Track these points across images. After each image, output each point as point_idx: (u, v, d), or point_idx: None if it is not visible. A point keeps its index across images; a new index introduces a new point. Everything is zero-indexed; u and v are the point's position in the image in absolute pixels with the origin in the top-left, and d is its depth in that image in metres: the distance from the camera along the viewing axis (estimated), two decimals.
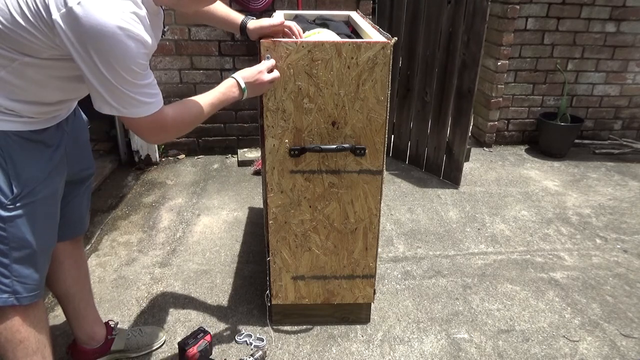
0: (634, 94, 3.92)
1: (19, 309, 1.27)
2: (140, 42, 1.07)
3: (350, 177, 1.68)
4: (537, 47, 3.70)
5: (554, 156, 3.75)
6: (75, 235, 1.56)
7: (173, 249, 2.43)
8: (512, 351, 1.84)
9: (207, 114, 1.37)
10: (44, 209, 1.26)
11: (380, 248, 2.43)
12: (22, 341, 1.29)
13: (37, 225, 1.24)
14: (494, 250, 2.50)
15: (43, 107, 1.21)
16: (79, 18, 0.99)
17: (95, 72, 1.06)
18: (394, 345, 1.85)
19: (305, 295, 1.86)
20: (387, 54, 1.50)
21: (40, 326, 1.34)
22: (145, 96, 1.15)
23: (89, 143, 1.53)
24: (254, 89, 1.46)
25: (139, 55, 1.08)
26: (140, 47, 1.07)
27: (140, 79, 1.11)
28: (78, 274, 1.59)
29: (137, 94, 1.13)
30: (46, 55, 1.10)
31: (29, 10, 1.03)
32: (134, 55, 1.06)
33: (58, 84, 1.19)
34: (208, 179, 3.22)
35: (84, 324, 1.65)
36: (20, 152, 1.18)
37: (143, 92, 1.14)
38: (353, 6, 3.29)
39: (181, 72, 3.33)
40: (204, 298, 2.08)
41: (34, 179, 1.21)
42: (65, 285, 1.57)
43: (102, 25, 1.00)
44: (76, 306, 1.61)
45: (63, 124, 1.33)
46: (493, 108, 3.79)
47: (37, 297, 1.30)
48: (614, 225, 2.78)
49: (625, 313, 2.07)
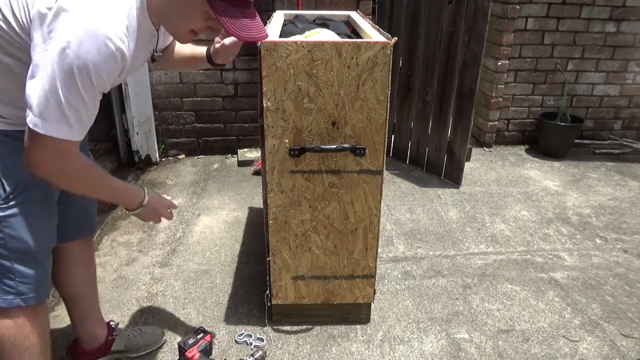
0: (634, 94, 3.92)
1: (27, 310, 1.25)
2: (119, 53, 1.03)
3: (350, 177, 1.68)
4: (537, 47, 3.70)
5: (554, 156, 3.75)
6: (84, 235, 1.55)
7: (173, 249, 2.43)
8: (512, 351, 1.84)
9: (103, 191, 1.25)
10: (38, 208, 1.24)
11: (380, 248, 2.43)
12: (29, 347, 1.27)
13: (33, 224, 1.22)
14: (494, 250, 2.50)
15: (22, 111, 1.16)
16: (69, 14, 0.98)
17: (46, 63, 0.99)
18: (394, 345, 1.85)
19: (305, 295, 1.86)
20: (387, 54, 1.50)
21: (46, 330, 1.33)
22: (74, 118, 1.03)
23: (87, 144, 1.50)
24: (147, 212, 1.37)
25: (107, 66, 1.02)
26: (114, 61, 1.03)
27: (87, 92, 1.03)
28: (87, 275, 1.59)
29: (69, 109, 1.02)
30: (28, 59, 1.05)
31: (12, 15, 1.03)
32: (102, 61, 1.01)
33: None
34: (208, 179, 3.22)
35: (87, 324, 1.65)
36: (9, 152, 1.16)
37: (76, 111, 1.03)
38: (353, 6, 3.29)
39: (181, 72, 3.34)
40: (204, 298, 2.08)
41: (26, 178, 1.18)
42: (74, 287, 1.56)
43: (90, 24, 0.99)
44: (83, 307, 1.61)
45: None
46: (493, 108, 3.79)
47: (43, 297, 1.29)
48: (614, 225, 2.78)
49: (625, 313, 2.06)
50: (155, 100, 3.36)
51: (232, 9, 1.10)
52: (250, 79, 3.42)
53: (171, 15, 1.15)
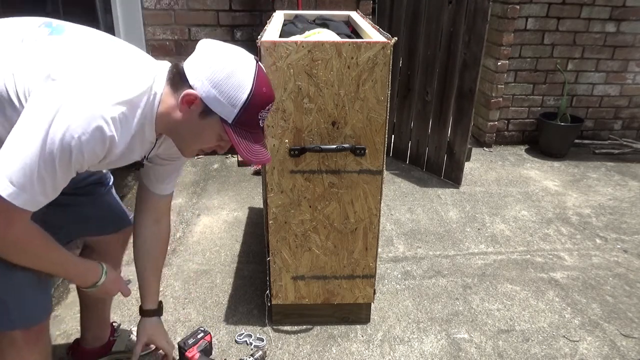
0: (634, 94, 3.92)
1: (27, 334, 1.17)
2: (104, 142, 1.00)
3: (350, 177, 1.68)
4: (537, 47, 3.70)
5: (554, 156, 3.75)
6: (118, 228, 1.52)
7: (173, 249, 2.43)
8: (512, 351, 1.84)
9: (49, 266, 1.15)
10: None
11: (380, 248, 2.43)
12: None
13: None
14: (494, 250, 2.50)
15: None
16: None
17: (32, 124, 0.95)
18: (394, 345, 1.85)
19: (305, 295, 1.86)
20: (387, 54, 1.50)
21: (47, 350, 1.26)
22: (38, 190, 0.97)
23: None
24: (106, 287, 1.31)
25: (90, 150, 0.99)
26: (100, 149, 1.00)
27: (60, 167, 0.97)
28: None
29: (37, 179, 0.96)
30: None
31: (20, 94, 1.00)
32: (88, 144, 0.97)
33: None
34: (208, 179, 3.22)
35: (95, 325, 1.65)
36: None
37: (43, 184, 0.97)
38: (353, 6, 3.29)
39: None
40: (204, 298, 2.08)
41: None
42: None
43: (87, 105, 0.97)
44: (99, 309, 1.61)
45: None
46: (493, 108, 3.79)
47: (43, 318, 1.21)
48: (614, 225, 2.78)
49: (625, 313, 2.06)
50: None
51: (247, 134, 1.12)
52: None
53: (184, 133, 1.14)
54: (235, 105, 1.07)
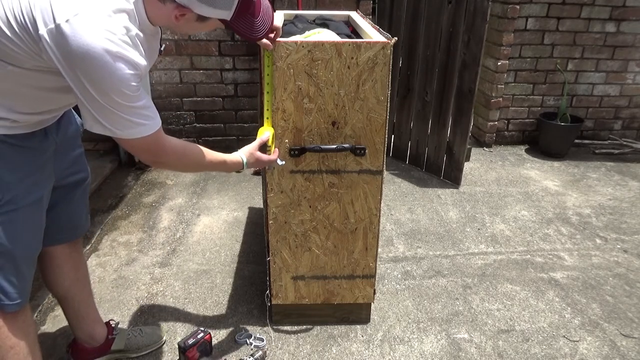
0: (634, 94, 3.92)
1: (7, 316, 1.25)
2: (130, 63, 1.03)
3: (350, 177, 1.68)
4: (537, 47, 3.70)
5: (554, 156, 3.75)
6: (73, 238, 1.55)
7: (173, 249, 2.43)
8: (512, 351, 1.84)
9: (207, 166, 1.41)
10: (26, 217, 1.22)
11: (380, 248, 2.43)
12: (13, 347, 1.27)
13: (18, 233, 1.20)
14: (494, 250, 2.50)
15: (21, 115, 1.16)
16: (66, 37, 0.96)
17: (84, 92, 1.04)
18: (394, 345, 1.85)
19: (305, 295, 1.86)
20: (387, 54, 1.50)
21: (30, 330, 1.33)
22: (139, 117, 1.12)
23: (82, 146, 1.50)
24: (251, 166, 1.55)
25: (128, 77, 1.04)
26: (130, 68, 1.04)
27: (131, 101, 1.08)
28: (76, 276, 1.59)
29: (130, 115, 1.10)
30: (29, 65, 1.06)
31: (15, 22, 1.00)
32: (123, 78, 1.03)
33: (39, 94, 1.15)
34: (208, 179, 3.22)
35: (84, 324, 1.65)
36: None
37: (136, 113, 1.10)
38: (353, 6, 3.29)
39: (181, 72, 3.33)
40: (204, 298, 2.08)
41: (15, 185, 1.17)
42: (64, 287, 1.56)
43: (89, 46, 0.97)
44: (76, 307, 1.61)
45: (51, 128, 1.29)
46: (493, 108, 3.79)
47: (21, 305, 1.27)
48: (614, 225, 2.78)
49: (625, 313, 2.07)
50: (155, 100, 3.36)
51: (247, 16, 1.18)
52: (250, 79, 3.42)
53: (183, 29, 1.21)
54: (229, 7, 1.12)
